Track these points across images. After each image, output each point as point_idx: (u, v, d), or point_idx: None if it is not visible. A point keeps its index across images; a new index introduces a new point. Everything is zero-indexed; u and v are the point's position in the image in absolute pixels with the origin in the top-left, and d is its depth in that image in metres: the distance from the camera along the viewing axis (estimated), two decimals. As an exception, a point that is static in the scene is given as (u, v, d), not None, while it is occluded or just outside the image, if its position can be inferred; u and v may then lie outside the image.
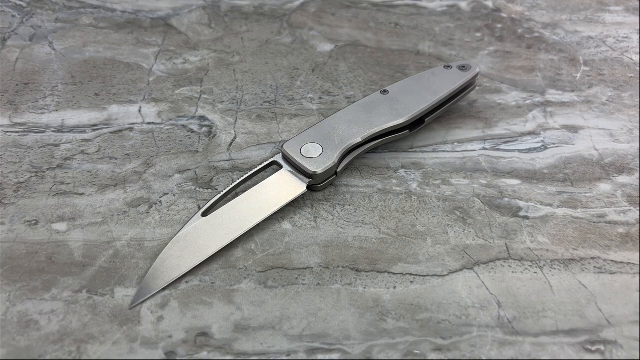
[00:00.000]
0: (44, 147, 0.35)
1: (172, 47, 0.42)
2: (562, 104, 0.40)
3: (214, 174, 0.34)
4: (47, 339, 0.26)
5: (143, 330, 0.27)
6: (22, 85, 0.39)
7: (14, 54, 0.41)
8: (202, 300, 0.28)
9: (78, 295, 0.28)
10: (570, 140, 0.37)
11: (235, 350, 0.26)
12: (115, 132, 0.36)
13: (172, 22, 0.45)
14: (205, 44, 0.43)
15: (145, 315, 0.27)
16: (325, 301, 0.28)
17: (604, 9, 0.49)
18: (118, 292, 0.28)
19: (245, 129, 0.37)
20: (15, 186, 0.33)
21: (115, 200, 0.32)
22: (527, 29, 0.46)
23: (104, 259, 0.29)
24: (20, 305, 0.27)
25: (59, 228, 0.31)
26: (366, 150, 0.35)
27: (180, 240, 0.30)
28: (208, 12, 0.46)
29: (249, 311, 0.28)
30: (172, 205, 0.32)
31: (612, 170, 0.35)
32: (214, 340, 0.26)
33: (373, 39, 0.45)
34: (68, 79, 0.40)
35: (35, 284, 0.28)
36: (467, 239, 0.31)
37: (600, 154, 0.36)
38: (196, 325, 0.27)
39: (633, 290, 0.29)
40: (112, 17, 0.45)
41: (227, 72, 0.41)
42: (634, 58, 0.44)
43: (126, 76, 0.40)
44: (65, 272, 0.29)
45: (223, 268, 0.29)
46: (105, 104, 0.38)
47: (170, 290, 0.28)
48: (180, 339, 0.26)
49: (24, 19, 0.44)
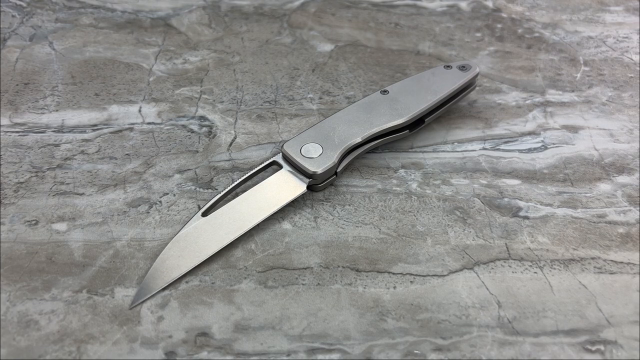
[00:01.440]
0: (44, 147, 0.35)
1: (172, 47, 0.42)
2: (562, 104, 0.40)
3: (214, 174, 0.34)
4: (47, 339, 0.26)
5: (143, 330, 0.27)
6: (22, 85, 0.39)
7: (14, 54, 0.41)
8: (202, 300, 0.28)
9: (78, 295, 0.28)
10: (570, 140, 0.37)
11: (235, 350, 0.26)
12: (115, 132, 0.36)
13: (172, 22, 0.45)
14: (205, 44, 0.43)
15: (145, 315, 0.27)
16: (325, 301, 0.28)
17: (604, 9, 0.49)
18: (118, 292, 0.28)
19: (245, 129, 0.37)
20: (15, 186, 0.33)
21: (115, 200, 0.32)
22: (527, 29, 0.46)
23: (104, 259, 0.29)
24: (20, 305, 0.27)
25: (59, 228, 0.31)
26: (366, 150, 0.35)
27: (180, 240, 0.30)
28: (208, 12, 0.46)
29: (249, 311, 0.28)
30: (172, 205, 0.32)
31: (612, 170, 0.35)
32: (214, 340, 0.26)
33: (373, 39, 0.45)
34: (68, 79, 0.40)
35: (35, 284, 0.28)
36: (467, 239, 0.31)
37: (600, 154, 0.36)
38: (196, 325, 0.27)
39: (633, 290, 0.29)
40: (112, 17, 0.45)
41: (227, 72, 0.41)
42: (634, 58, 0.44)
43: (126, 76, 0.40)
44: (65, 272, 0.29)
45: (223, 268, 0.29)
46: (105, 104, 0.38)
47: (170, 290, 0.28)
48: (180, 339, 0.26)
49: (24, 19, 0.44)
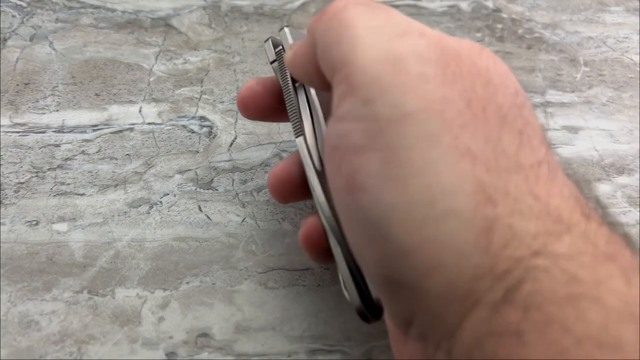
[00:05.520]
0: (45, 147, 0.35)
1: (173, 47, 0.42)
2: (562, 104, 0.40)
3: (214, 174, 0.34)
4: (47, 339, 0.26)
5: (144, 331, 0.27)
6: (23, 85, 0.39)
7: (14, 54, 0.41)
8: (202, 301, 0.28)
9: (79, 296, 0.28)
10: (570, 140, 0.37)
11: (236, 351, 0.26)
12: (116, 132, 0.36)
13: (172, 22, 0.44)
14: (206, 44, 0.43)
15: (145, 316, 0.27)
16: (326, 302, 0.28)
17: (604, 9, 0.49)
18: (119, 293, 0.28)
19: (246, 129, 0.37)
20: (16, 186, 0.33)
21: (116, 200, 0.32)
22: (527, 29, 0.46)
23: (104, 260, 0.29)
24: (21, 305, 0.27)
25: (59, 228, 0.31)
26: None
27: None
28: (208, 12, 0.46)
29: (250, 312, 0.28)
30: (172, 205, 0.32)
31: (612, 171, 0.35)
32: (214, 341, 0.26)
33: (373, 39, 0.45)
34: (68, 79, 0.40)
35: (36, 285, 0.28)
36: (467, 240, 0.31)
37: (600, 155, 0.36)
38: (197, 326, 0.27)
39: (633, 291, 0.29)
40: (112, 17, 0.45)
41: (228, 72, 0.41)
42: (634, 58, 0.44)
43: (126, 76, 0.40)
44: (66, 272, 0.29)
45: (224, 269, 0.29)
46: (105, 104, 0.38)
47: (170, 291, 0.28)
48: (181, 340, 0.26)
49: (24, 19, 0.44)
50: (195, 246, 0.30)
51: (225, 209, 0.32)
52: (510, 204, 0.17)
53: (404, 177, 0.17)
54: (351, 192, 0.18)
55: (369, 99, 0.17)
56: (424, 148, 0.17)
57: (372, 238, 0.17)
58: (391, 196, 0.17)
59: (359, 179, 0.17)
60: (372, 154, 0.17)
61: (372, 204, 0.17)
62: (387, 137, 0.17)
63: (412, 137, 0.17)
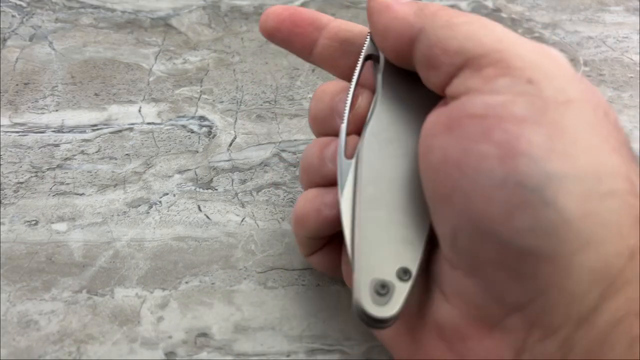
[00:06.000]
0: (44, 147, 0.35)
1: (172, 47, 0.42)
2: (562, 104, 0.40)
3: (214, 174, 0.34)
4: (47, 339, 0.26)
5: (143, 331, 0.27)
6: (22, 85, 0.39)
7: (14, 54, 0.41)
8: (201, 301, 0.28)
9: (78, 296, 0.28)
10: (570, 140, 0.37)
11: (235, 351, 0.26)
12: (115, 132, 0.36)
13: (172, 22, 0.44)
14: (205, 44, 0.43)
15: (145, 316, 0.27)
16: (326, 302, 0.28)
17: (604, 9, 0.49)
18: (118, 293, 0.28)
19: (245, 129, 0.37)
20: (15, 186, 0.33)
21: (115, 200, 0.32)
22: (527, 29, 0.46)
23: (103, 259, 0.29)
24: (20, 305, 0.27)
25: (58, 228, 0.31)
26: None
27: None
28: (208, 12, 0.46)
29: (249, 312, 0.28)
30: (172, 205, 0.32)
31: (612, 171, 0.35)
32: (213, 341, 0.26)
33: (373, 39, 0.45)
34: (68, 79, 0.40)
35: (35, 284, 0.28)
36: (467, 240, 0.31)
37: (600, 155, 0.36)
38: (196, 325, 0.27)
39: (633, 290, 0.29)
40: (112, 17, 0.45)
41: (227, 72, 0.41)
42: (634, 58, 0.44)
43: (126, 76, 0.40)
44: (65, 272, 0.29)
45: (223, 268, 0.29)
46: (105, 104, 0.38)
47: (170, 290, 0.28)
48: (180, 340, 0.26)
49: (24, 19, 0.44)
50: (195, 246, 0.30)
51: (224, 209, 0.32)
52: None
53: (573, 152, 0.18)
54: (506, 158, 0.18)
55: (534, 79, 0.19)
56: (587, 133, 0.18)
57: (525, 204, 0.18)
58: (559, 167, 0.18)
59: (520, 146, 0.18)
60: (536, 126, 0.18)
61: (533, 170, 0.18)
62: (552, 115, 0.18)
63: (576, 120, 0.19)
